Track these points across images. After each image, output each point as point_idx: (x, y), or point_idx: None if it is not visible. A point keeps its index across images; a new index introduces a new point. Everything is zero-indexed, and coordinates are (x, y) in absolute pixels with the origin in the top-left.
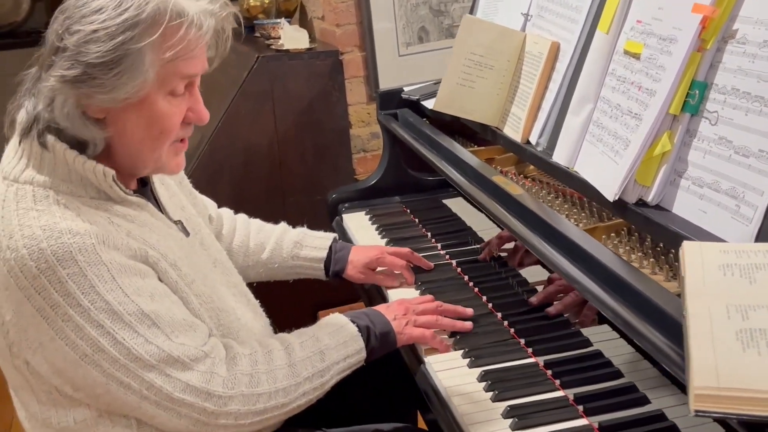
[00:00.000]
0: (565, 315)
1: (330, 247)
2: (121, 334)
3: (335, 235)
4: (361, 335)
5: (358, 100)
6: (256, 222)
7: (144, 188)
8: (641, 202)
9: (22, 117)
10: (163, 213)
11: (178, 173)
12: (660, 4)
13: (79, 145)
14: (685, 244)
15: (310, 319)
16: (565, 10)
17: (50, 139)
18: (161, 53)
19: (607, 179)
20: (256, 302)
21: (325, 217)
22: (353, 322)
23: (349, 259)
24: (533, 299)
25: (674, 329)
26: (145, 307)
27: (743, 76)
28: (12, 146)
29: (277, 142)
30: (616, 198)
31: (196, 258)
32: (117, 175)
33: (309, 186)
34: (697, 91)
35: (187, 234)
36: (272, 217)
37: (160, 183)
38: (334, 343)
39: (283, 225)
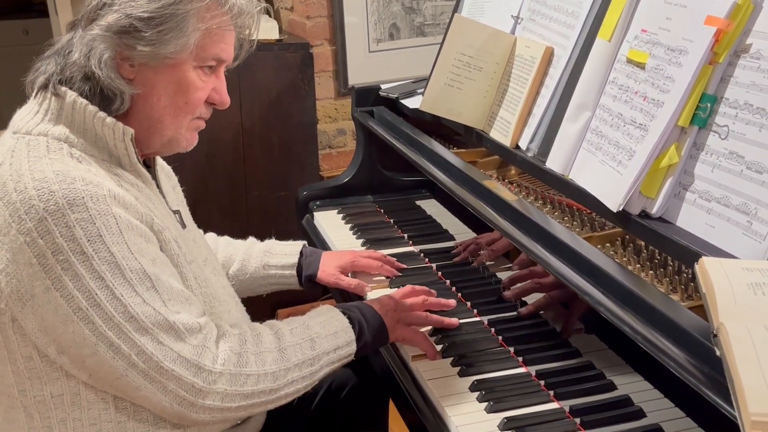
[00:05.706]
0: (541, 313)
1: (300, 253)
2: (120, 290)
3: (304, 242)
4: (353, 328)
5: (326, 95)
6: (224, 238)
7: (148, 170)
8: (644, 214)
9: (41, 77)
10: (164, 199)
11: (187, 150)
12: (668, 14)
13: (105, 101)
14: (704, 260)
15: (270, 317)
16: (560, 15)
17: (70, 93)
18: (204, 22)
19: (610, 189)
20: (242, 307)
21: (289, 214)
22: (344, 314)
23: (321, 263)
24: (523, 310)
25: (695, 347)
26: (147, 268)
27: (757, 92)
28: (28, 105)
29: (242, 135)
30: (620, 209)
31: (191, 250)
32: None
33: (273, 181)
34: (708, 104)
35: (184, 226)
36: (235, 212)
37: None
38: (325, 332)
39: (251, 238)
